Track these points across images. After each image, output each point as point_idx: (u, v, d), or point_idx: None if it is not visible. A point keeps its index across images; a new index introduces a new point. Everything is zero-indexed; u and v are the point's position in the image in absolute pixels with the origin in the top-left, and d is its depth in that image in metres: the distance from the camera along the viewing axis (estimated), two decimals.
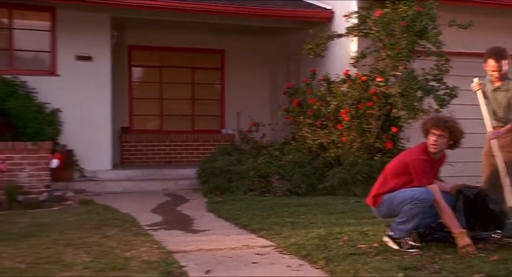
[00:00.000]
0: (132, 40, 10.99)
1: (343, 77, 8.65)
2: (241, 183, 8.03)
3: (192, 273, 4.12)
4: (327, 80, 8.83)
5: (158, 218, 6.62)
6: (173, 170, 10.03)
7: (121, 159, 10.75)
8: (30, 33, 9.35)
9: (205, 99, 11.82)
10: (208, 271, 4.16)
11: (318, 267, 4.28)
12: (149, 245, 4.95)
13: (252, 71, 11.87)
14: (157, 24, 10.59)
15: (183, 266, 4.28)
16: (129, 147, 10.94)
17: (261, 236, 5.39)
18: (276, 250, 4.88)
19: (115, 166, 9.99)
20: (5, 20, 9.17)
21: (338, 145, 8.33)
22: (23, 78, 8.76)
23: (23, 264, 4.22)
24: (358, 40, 8.85)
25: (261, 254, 4.72)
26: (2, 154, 7.87)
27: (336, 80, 8.72)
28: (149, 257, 4.52)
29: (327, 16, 9.85)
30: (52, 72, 9.24)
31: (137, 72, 11.45)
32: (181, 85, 11.65)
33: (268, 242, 5.15)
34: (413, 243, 4.61)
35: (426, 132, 4.78)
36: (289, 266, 4.34)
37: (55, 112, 8.95)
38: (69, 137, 9.05)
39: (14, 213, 6.85)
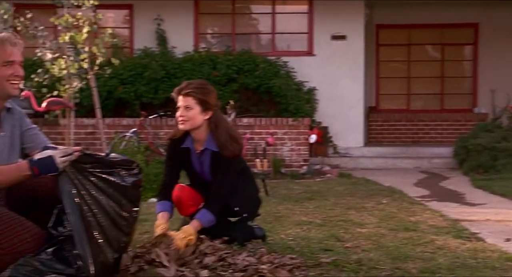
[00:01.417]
0: (379, 19, 10.92)
1: None
2: (509, 161, 7.46)
3: (489, 239, 3.93)
4: None
5: (424, 192, 6.51)
6: (425, 148, 9.78)
7: (368, 138, 10.83)
8: (289, 17, 9.94)
9: (455, 76, 11.27)
10: (508, 240, 3.93)
11: None
12: (430, 212, 4.89)
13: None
14: (404, 1, 10.37)
15: (476, 233, 4.12)
16: (376, 126, 10.98)
17: None
18: None
19: (365, 144, 10.10)
20: (269, 7, 9.88)
21: None
22: (283, 58, 9.33)
23: (318, 219, 4.49)
24: None
25: None
26: (268, 129, 8.56)
27: None
28: (435, 222, 4.45)
29: None
30: (309, 52, 9.70)
31: (384, 51, 11.37)
32: (429, 62, 11.28)
33: None
34: None
35: None
36: None
37: (312, 90, 9.38)
38: (323, 114, 9.41)
39: (283, 182, 7.38)
